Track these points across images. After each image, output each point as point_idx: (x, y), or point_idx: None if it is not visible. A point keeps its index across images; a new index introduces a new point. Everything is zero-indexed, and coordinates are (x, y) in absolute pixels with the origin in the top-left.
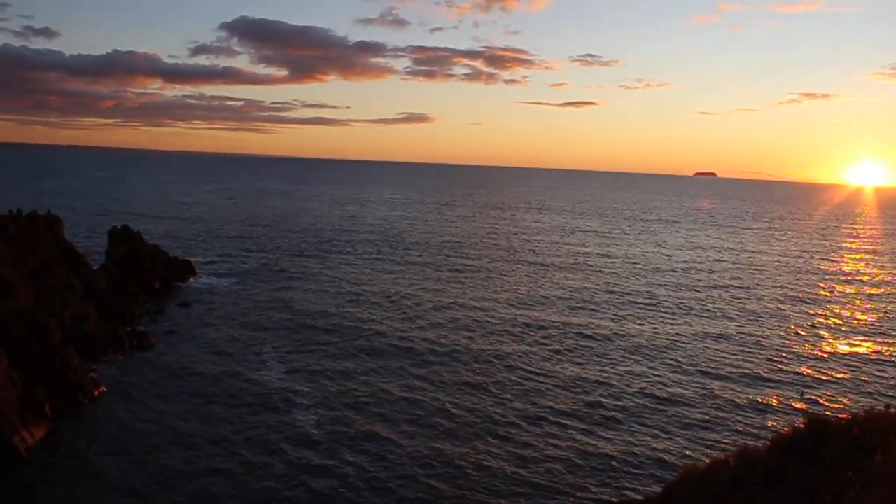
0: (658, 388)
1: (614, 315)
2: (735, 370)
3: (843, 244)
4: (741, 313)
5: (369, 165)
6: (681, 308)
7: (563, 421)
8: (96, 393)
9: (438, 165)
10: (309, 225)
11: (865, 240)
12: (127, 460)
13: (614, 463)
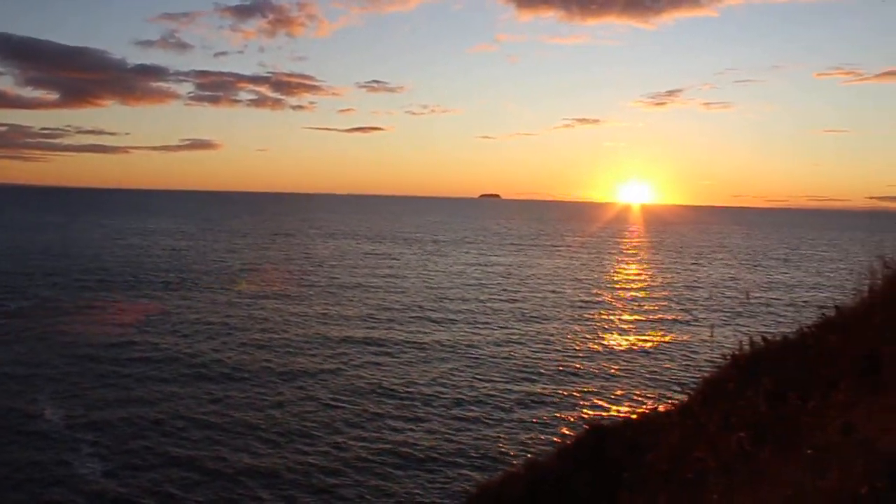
0: (459, 392)
1: (411, 329)
2: (527, 374)
3: (616, 255)
4: (531, 321)
5: (152, 195)
6: (474, 319)
7: (373, 430)
8: None
9: (226, 193)
10: (88, 259)
11: (634, 250)
12: None
13: (425, 468)
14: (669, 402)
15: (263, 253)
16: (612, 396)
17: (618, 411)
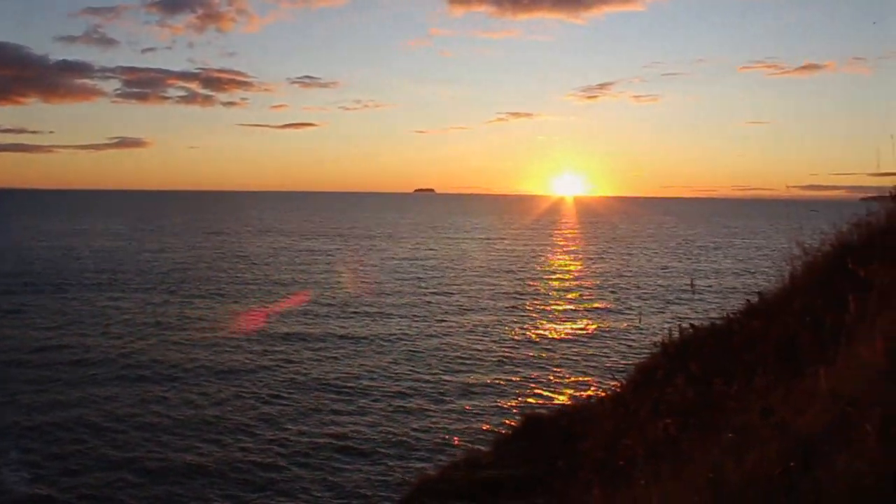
0: (398, 384)
1: (348, 324)
2: (465, 364)
3: (550, 247)
4: (468, 312)
5: (80, 195)
6: (411, 313)
7: (313, 425)
8: None
9: (157, 192)
10: (13, 262)
11: (567, 242)
12: None
13: (366, 460)
14: (603, 389)
15: (197, 252)
16: (549, 385)
17: (554, 400)
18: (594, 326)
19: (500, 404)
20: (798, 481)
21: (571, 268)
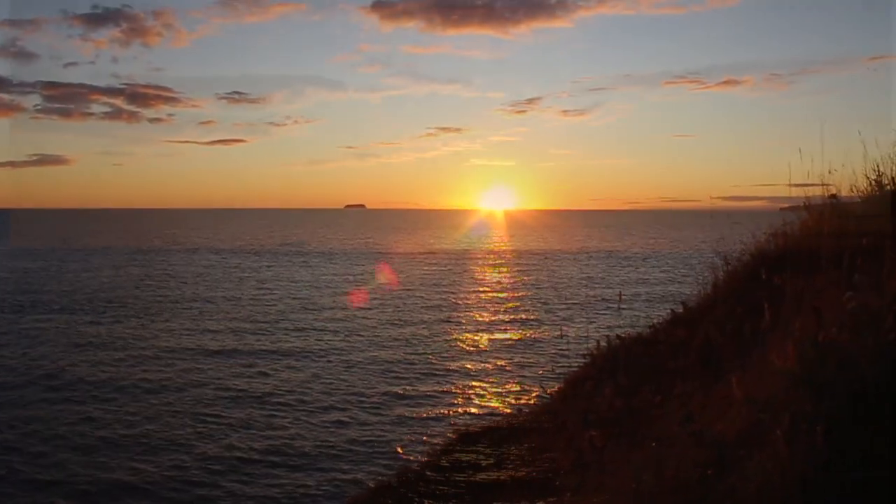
0: (331, 398)
1: (280, 340)
2: (399, 377)
3: (480, 260)
4: (400, 325)
5: None
6: (344, 327)
7: (247, 439)
8: None
9: (81, 210)
10: None
11: (497, 255)
12: None
13: (300, 473)
14: (535, 401)
15: (124, 271)
16: (483, 396)
17: (488, 410)
18: (525, 337)
19: (435, 415)
20: (714, 487)
21: (502, 280)
